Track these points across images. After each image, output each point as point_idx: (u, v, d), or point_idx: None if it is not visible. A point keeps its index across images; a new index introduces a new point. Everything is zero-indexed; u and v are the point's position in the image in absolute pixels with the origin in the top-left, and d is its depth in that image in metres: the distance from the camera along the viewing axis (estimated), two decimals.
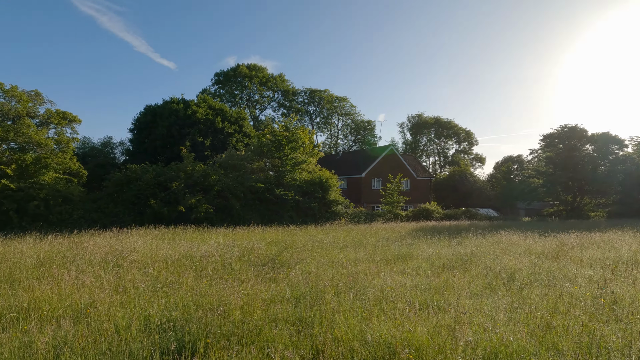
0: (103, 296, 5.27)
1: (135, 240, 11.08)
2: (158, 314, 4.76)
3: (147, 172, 20.21)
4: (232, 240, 12.67)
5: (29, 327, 4.27)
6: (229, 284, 6.13)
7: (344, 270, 7.80)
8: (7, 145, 16.95)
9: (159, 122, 32.83)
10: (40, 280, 6.27)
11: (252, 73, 57.49)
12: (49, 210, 16.86)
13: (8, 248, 9.59)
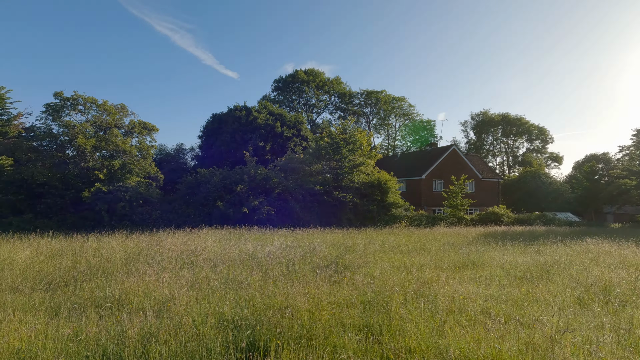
0: (181, 292, 5.64)
1: (206, 240, 11.81)
2: (231, 312, 4.95)
3: (214, 176, 21.57)
4: (294, 241, 12.92)
5: (121, 317, 4.71)
6: (294, 286, 6.21)
7: (409, 276, 7.48)
8: (100, 153, 19.34)
9: (223, 129, 34.97)
10: (128, 274, 6.94)
11: (309, 78, 58.69)
12: (132, 211, 18.81)
13: (102, 244, 10.82)
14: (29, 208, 17.30)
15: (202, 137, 38.48)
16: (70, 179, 18.20)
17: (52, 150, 19.06)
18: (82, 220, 17.65)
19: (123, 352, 3.88)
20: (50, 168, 18.37)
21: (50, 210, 17.37)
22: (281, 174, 24.12)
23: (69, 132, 18.44)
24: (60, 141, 18.73)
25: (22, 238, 12.44)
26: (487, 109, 65.58)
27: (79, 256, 8.89)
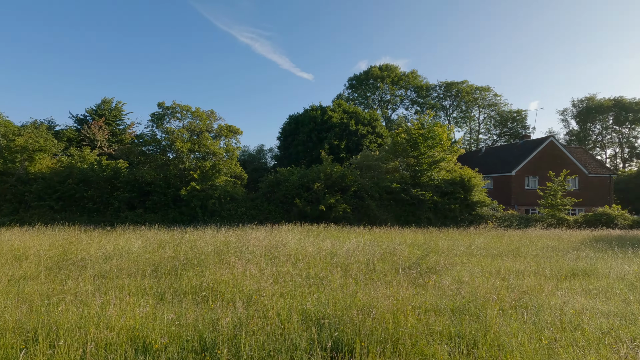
0: (266, 286, 5.87)
1: (286, 236, 12.26)
2: (313, 309, 4.97)
3: (292, 175, 22.39)
4: (371, 240, 12.69)
5: (214, 306, 5.06)
6: (375, 286, 6.02)
7: (505, 283, 6.71)
8: (194, 155, 21.55)
9: (300, 129, 36.19)
10: (220, 266, 7.49)
11: (383, 74, 57.45)
12: (221, 207, 20.54)
13: (196, 237, 11.96)
14: (140, 204, 20.08)
15: (280, 137, 40.38)
16: (171, 178, 20.62)
17: (157, 154, 21.83)
18: (180, 215, 19.87)
19: (217, 339, 4.14)
20: (156, 169, 21.04)
21: (155, 206, 19.92)
22: (357, 172, 23.98)
23: (169, 137, 20.92)
24: (163, 145, 21.37)
25: (135, 230, 14.42)
26: (594, 94, 56.55)
27: (179, 247, 9.94)
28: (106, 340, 3.92)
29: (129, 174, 20.60)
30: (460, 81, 57.18)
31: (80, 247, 9.39)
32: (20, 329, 4.15)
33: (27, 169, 20.26)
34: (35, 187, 19.19)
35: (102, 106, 35.99)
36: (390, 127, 53.20)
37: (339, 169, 22.36)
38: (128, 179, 20.37)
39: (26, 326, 4.21)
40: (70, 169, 20.28)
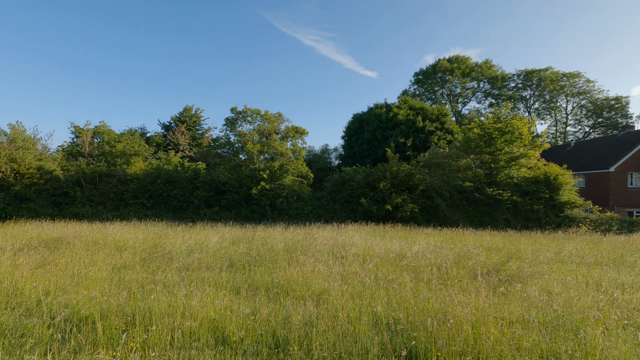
0: (335, 285, 5.86)
1: (353, 235, 12.19)
2: (384, 313, 4.82)
3: (358, 174, 22.24)
4: (442, 242, 12.00)
5: (286, 303, 5.19)
6: (450, 292, 5.64)
7: (607, 296, 5.80)
8: (263, 156, 22.64)
9: (364, 128, 35.81)
10: (289, 263, 7.70)
11: (453, 66, 54.16)
12: (289, 206, 21.24)
13: (267, 234, 12.50)
14: (216, 202, 21.70)
15: (345, 137, 40.40)
16: (243, 178, 21.91)
17: (230, 156, 23.39)
18: (252, 213, 21.01)
19: (289, 336, 4.23)
20: (230, 170, 22.56)
21: (230, 204, 21.35)
22: (425, 170, 22.96)
23: (241, 139, 22.26)
24: (236, 148, 22.82)
25: (212, 226, 15.59)
26: None
27: (251, 244, 10.47)
28: (190, 329, 4.25)
29: (206, 175, 22.37)
30: (543, 68, 51.39)
31: (167, 241, 10.41)
32: (122, 312, 4.70)
33: (125, 171, 23.19)
34: (131, 187, 21.86)
35: (184, 113, 39.73)
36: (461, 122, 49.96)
37: (406, 167, 21.61)
38: (206, 179, 22.13)
39: (126, 310, 4.76)
40: (158, 171, 22.71)
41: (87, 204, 20.89)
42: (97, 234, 11.32)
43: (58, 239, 10.55)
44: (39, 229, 12.94)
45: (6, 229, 13.17)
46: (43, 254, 8.07)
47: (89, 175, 22.20)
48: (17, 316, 4.55)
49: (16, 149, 21.26)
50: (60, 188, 21.39)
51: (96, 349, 3.86)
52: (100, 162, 23.64)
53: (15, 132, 22.49)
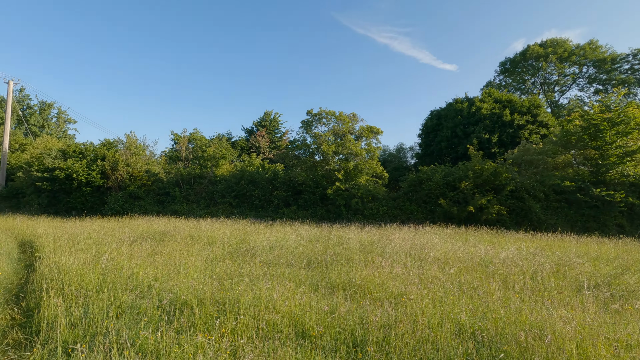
0: (414, 289, 5.66)
1: (431, 238, 11.64)
2: (469, 321, 4.51)
3: (436, 173, 21.17)
4: (536, 248, 10.75)
5: (363, 303, 5.19)
6: (547, 305, 5.03)
7: None
8: (338, 156, 22.96)
9: (443, 124, 33.91)
10: (365, 264, 7.68)
11: (547, 51, 48.05)
12: (364, 206, 21.18)
13: (342, 234, 12.64)
14: (294, 202, 22.68)
15: (421, 135, 38.78)
16: (319, 179, 22.50)
17: (307, 157, 24.22)
18: (327, 213, 21.45)
19: (367, 337, 4.22)
20: (306, 171, 23.36)
21: (306, 204, 22.12)
22: (513, 168, 20.85)
23: (317, 141, 22.89)
24: (312, 149, 23.56)
25: (290, 225, 16.32)
26: None
27: (327, 243, 10.69)
28: (274, 321, 4.51)
29: (285, 176, 23.51)
30: None
31: (251, 238, 11.21)
32: (214, 300, 5.20)
33: (214, 173, 25.63)
34: (220, 187, 24.04)
35: (264, 118, 42.39)
36: (558, 113, 44.12)
37: (491, 166, 19.86)
38: (284, 179, 23.26)
39: (218, 299, 5.26)
40: (242, 172, 24.57)
41: (184, 202, 23.59)
42: (192, 229, 12.70)
43: (162, 232, 12.11)
44: (148, 224, 15.02)
45: (124, 223, 15.57)
46: (152, 245, 9.35)
47: (186, 176, 25.03)
48: (134, 297, 5.36)
49: (130, 155, 24.99)
50: (163, 188, 24.53)
51: (194, 331, 4.34)
52: (194, 165, 26.52)
53: (129, 140, 26.45)
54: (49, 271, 6.56)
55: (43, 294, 5.30)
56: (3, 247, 9.61)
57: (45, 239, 10.81)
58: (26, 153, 28.70)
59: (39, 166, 23.38)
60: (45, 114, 44.54)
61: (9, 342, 4.53)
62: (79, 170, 22.55)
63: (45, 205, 23.16)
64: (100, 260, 7.03)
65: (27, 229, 13.89)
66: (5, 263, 7.96)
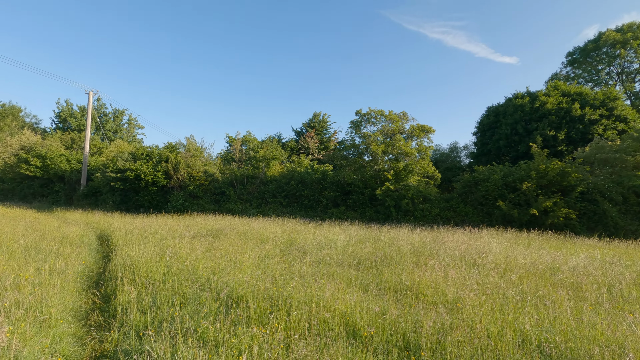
0: (471, 295, 5.38)
1: (489, 242, 10.97)
2: (533, 332, 4.19)
3: (494, 173, 19.91)
4: (613, 256, 9.65)
5: (415, 306, 5.05)
6: (628, 319, 4.50)
7: None
8: (387, 156, 22.56)
9: (502, 121, 31.78)
10: (417, 266, 7.46)
11: (625, 36, 42.82)
12: (414, 207, 20.58)
13: (392, 235, 12.40)
14: (342, 202, 22.72)
15: (477, 133, 36.72)
16: (368, 179, 22.28)
17: (355, 157, 24.11)
18: (376, 214, 21.17)
19: (420, 341, 4.10)
20: (355, 171, 23.27)
21: (355, 204, 22.03)
22: (584, 168, 18.92)
23: (366, 141, 22.69)
24: (360, 149, 23.40)
25: (339, 225, 16.36)
26: None
27: (377, 244, 10.56)
28: (324, 319, 4.56)
29: (333, 176, 23.62)
30: None
31: (301, 237, 11.43)
32: (268, 296, 5.39)
33: (266, 174, 26.55)
34: (271, 187, 24.83)
35: (313, 119, 43.01)
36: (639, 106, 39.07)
37: (558, 165, 18.19)
38: (333, 180, 23.38)
39: (270, 294, 5.44)
40: (292, 173, 25.15)
41: (238, 202, 24.73)
42: (246, 227, 13.27)
43: (219, 229, 12.81)
44: (205, 221, 15.98)
45: (184, 220, 16.72)
46: (209, 241, 9.94)
47: (239, 177, 26.23)
48: (195, 289, 5.74)
49: (190, 157, 26.78)
50: (219, 188, 25.94)
51: (250, 324, 4.53)
52: (247, 166, 27.70)
53: (189, 143, 28.35)
54: (122, 262, 7.27)
55: (118, 282, 5.89)
56: (85, 240, 10.83)
57: (119, 233, 11.99)
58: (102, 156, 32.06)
59: (113, 167, 25.99)
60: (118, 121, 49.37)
61: (91, 323, 5.09)
62: (146, 171, 24.67)
63: (118, 203, 25.68)
64: (165, 254, 7.63)
65: (104, 223, 15.51)
66: (87, 253, 8.97)
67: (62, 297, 5.24)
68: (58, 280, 5.91)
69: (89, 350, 4.26)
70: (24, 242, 9.16)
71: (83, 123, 44.45)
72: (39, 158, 30.53)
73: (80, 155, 32.30)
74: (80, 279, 6.67)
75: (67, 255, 7.84)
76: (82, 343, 4.46)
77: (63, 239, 10.40)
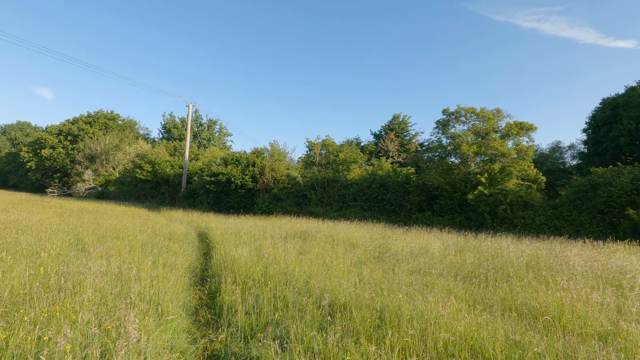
0: (631, 327, 4.22)
1: (628, 259, 8.96)
2: None
3: (620, 175, 16.66)
4: None
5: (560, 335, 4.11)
6: None
7: None
8: (480, 158, 20.51)
9: (622, 115, 26.73)
10: (539, 283, 6.30)
11: None
12: (513, 215, 18.29)
13: (494, 245, 10.99)
14: (428, 207, 21.32)
15: (588, 129, 31.59)
16: (457, 183, 20.54)
17: (442, 159, 22.49)
18: (467, 221, 19.34)
19: None
20: (441, 174, 21.69)
21: (442, 210, 20.46)
22: None
23: (454, 142, 20.97)
24: (448, 150, 21.72)
25: (427, 231, 15.25)
26: None
27: (480, 254, 9.40)
28: (445, 341, 3.94)
29: (417, 179, 22.36)
30: None
31: (390, 242, 10.81)
32: (372, 307, 4.95)
33: (346, 177, 26.40)
34: (351, 190, 24.56)
35: (393, 121, 41.75)
36: None
37: None
38: (417, 183, 22.14)
39: (375, 305, 4.99)
40: (373, 176, 24.54)
41: (319, 204, 24.98)
42: (331, 231, 13.11)
43: (305, 232, 12.87)
44: (291, 223, 16.31)
45: (271, 221, 17.32)
46: (300, 243, 9.93)
47: (320, 180, 26.52)
48: (294, 293, 5.59)
49: (274, 161, 27.99)
50: (301, 191, 26.57)
51: (357, 338, 4.14)
52: (327, 169, 27.92)
53: (273, 148, 29.69)
54: (222, 260, 7.56)
55: (222, 280, 6.04)
56: (188, 237, 11.78)
57: (215, 231, 12.80)
58: (199, 161, 35.47)
59: (208, 172, 28.48)
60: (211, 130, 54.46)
61: (199, 319, 5.25)
62: (235, 175, 26.46)
63: (211, 204, 28.01)
64: (261, 254, 7.74)
65: (202, 222, 16.85)
66: (191, 250, 9.65)
67: (175, 291, 5.53)
68: (172, 274, 6.31)
69: (201, 349, 4.32)
70: (141, 237, 10.25)
71: (183, 133, 49.96)
72: (149, 164, 35.04)
73: (181, 161, 36.19)
74: (188, 275, 7.08)
75: (175, 251, 8.49)
76: (194, 339, 4.56)
77: (171, 235, 11.43)
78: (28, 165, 54.30)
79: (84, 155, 48.11)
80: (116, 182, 40.90)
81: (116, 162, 45.60)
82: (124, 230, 11.03)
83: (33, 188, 57.32)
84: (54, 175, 53.30)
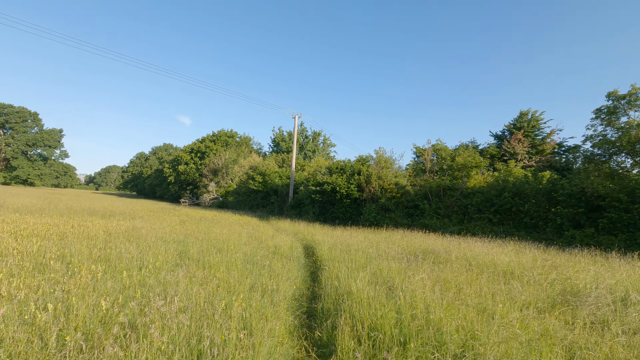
0: None
1: None
2: None
3: None
4: None
5: None
6: None
7: None
8: None
9: None
10: None
11: None
12: None
13: None
14: (589, 222, 16.15)
15: None
16: (636, 190, 15.00)
17: (606, 159, 16.98)
18: None
19: None
20: (606, 178, 16.31)
21: (614, 226, 15.13)
22: None
23: (629, 134, 15.48)
24: (617, 147, 16.22)
25: (605, 257, 10.99)
26: None
27: None
28: None
29: (572, 186, 17.34)
30: None
31: (566, 274, 7.53)
32: None
33: (466, 184, 22.54)
34: (475, 200, 20.67)
35: (519, 119, 35.26)
36: None
37: None
38: (570, 191, 17.14)
39: None
40: (504, 183, 20.24)
41: (434, 216, 21.76)
42: (465, 251, 10.27)
43: (428, 250, 10.37)
44: (406, 238, 13.87)
45: (382, 235, 15.17)
46: (430, 268, 7.54)
47: (435, 189, 23.26)
48: None
49: (380, 169, 25.85)
50: (411, 201, 23.73)
51: None
52: (439, 176, 24.45)
53: (378, 156, 27.60)
54: (335, 292, 5.77)
55: (337, 330, 4.20)
56: (294, 252, 10.52)
57: (323, 245, 11.32)
58: (305, 172, 35.70)
59: (313, 181, 27.99)
60: (315, 141, 55.53)
61: None
62: (340, 184, 25.20)
63: (317, 214, 27.32)
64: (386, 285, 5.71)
65: (308, 234, 15.75)
66: (296, 270, 8.22)
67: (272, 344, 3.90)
68: (269, 308, 4.79)
69: None
70: (246, 249, 9.34)
71: (290, 145, 51.98)
72: (260, 175, 36.79)
73: (288, 172, 37.05)
74: (292, 308, 5.51)
75: (278, 272, 7.10)
76: None
77: (276, 249, 10.37)
78: (169, 179, 63.99)
79: (208, 170, 54.15)
80: (233, 192, 44.43)
81: (234, 175, 49.82)
82: (229, 241, 10.37)
83: (172, 198, 67.32)
84: (187, 187, 61.52)
